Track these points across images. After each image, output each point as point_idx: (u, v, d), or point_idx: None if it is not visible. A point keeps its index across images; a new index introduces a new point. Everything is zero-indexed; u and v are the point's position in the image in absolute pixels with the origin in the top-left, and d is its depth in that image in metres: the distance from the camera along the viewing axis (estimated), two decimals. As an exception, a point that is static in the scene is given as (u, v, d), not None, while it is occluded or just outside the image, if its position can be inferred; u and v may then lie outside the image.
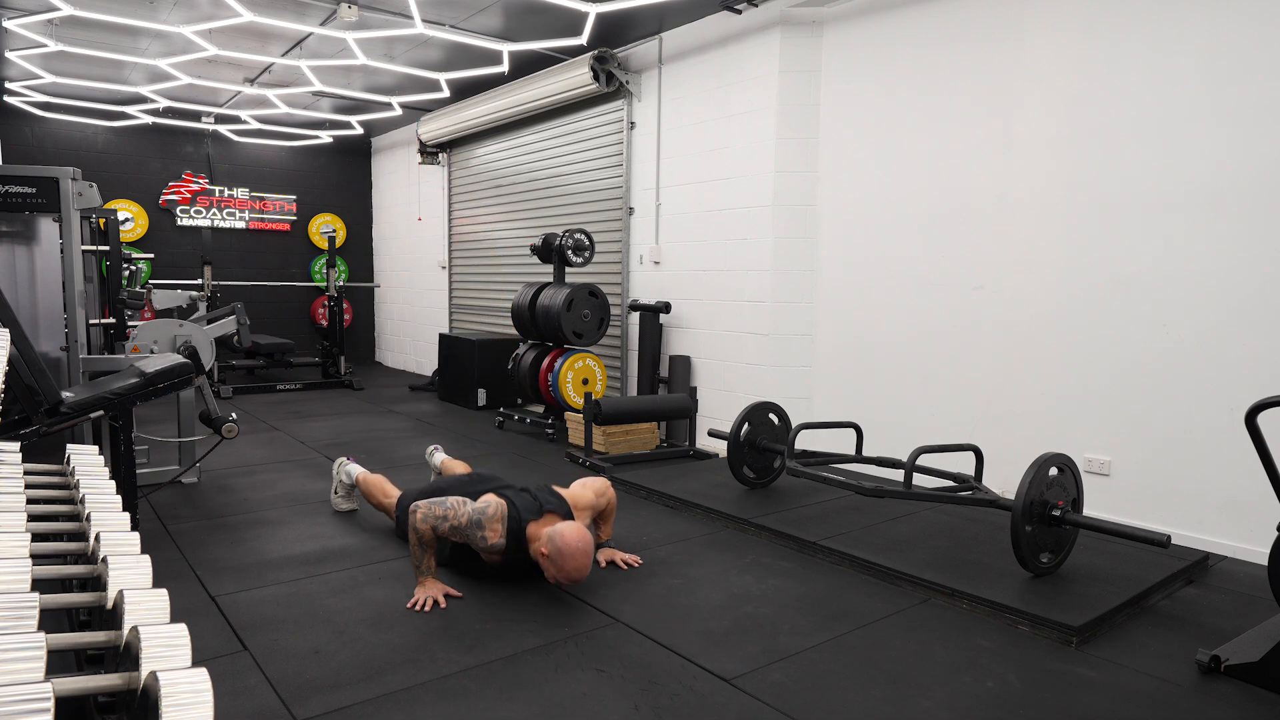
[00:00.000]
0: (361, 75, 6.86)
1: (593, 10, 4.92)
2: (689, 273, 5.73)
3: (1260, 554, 3.30)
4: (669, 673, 2.36)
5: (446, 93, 7.19)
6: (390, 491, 3.66)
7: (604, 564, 3.26)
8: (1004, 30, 4.11)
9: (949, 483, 3.55)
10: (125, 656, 1.03)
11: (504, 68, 6.29)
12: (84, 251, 4.75)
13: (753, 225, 5.21)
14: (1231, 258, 3.40)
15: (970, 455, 3.50)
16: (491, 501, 2.95)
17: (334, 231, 9.46)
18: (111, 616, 1.15)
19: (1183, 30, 3.50)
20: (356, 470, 3.88)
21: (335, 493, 3.95)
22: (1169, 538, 2.80)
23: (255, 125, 8.88)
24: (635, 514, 3.97)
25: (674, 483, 4.33)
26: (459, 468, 3.94)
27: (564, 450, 5.37)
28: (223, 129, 9.14)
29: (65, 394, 2.94)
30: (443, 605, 2.82)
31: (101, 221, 6.16)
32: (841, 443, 4.33)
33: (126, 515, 1.54)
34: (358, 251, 10.50)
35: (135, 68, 6.71)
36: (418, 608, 2.79)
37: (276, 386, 8.05)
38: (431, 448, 4.23)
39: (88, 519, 1.52)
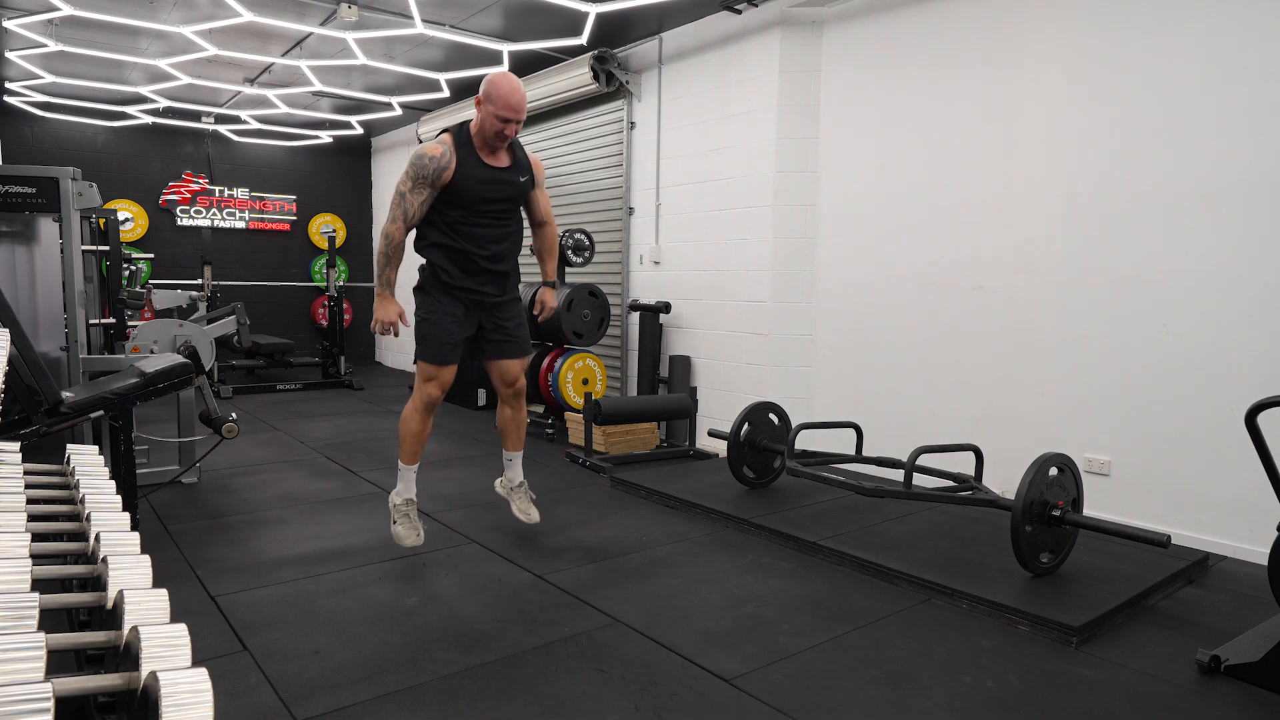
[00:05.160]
0: (361, 75, 6.85)
1: (593, 10, 4.92)
2: (689, 273, 5.73)
3: (1260, 554, 3.30)
4: (669, 673, 2.36)
5: (446, 93, 7.18)
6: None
7: (538, 308, 3.43)
8: (1005, 31, 4.11)
9: (949, 483, 3.55)
10: (125, 656, 1.03)
11: (504, 68, 6.30)
12: (84, 251, 4.74)
13: (753, 225, 5.21)
14: (1232, 258, 3.40)
15: (970, 455, 3.50)
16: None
17: (334, 231, 9.46)
18: (111, 616, 1.15)
19: (1185, 31, 3.50)
20: (401, 486, 3.32)
21: (394, 523, 3.26)
22: (1169, 538, 2.80)
23: (255, 125, 8.88)
24: (635, 514, 3.97)
25: (674, 483, 4.33)
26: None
27: (564, 450, 5.37)
28: (223, 129, 9.14)
29: (65, 394, 2.93)
30: (405, 324, 3.14)
31: (101, 221, 6.15)
32: (841, 443, 4.33)
33: (126, 515, 1.53)
34: (358, 251, 10.49)
35: (135, 68, 6.71)
36: (378, 331, 3.08)
37: (276, 386, 8.06)
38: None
39: (88, 519, 1.52)
